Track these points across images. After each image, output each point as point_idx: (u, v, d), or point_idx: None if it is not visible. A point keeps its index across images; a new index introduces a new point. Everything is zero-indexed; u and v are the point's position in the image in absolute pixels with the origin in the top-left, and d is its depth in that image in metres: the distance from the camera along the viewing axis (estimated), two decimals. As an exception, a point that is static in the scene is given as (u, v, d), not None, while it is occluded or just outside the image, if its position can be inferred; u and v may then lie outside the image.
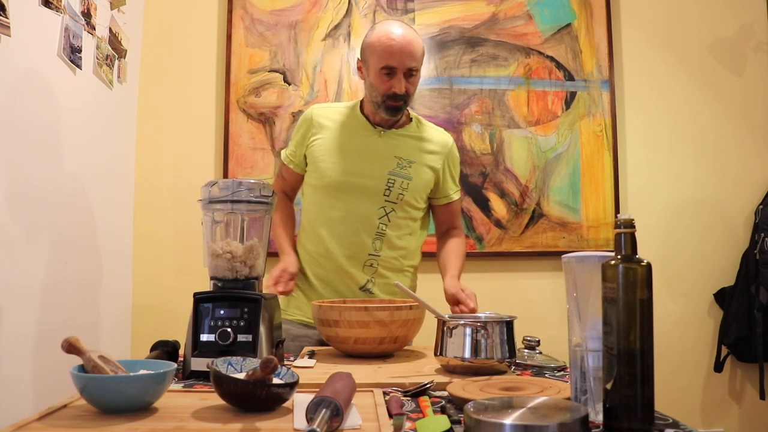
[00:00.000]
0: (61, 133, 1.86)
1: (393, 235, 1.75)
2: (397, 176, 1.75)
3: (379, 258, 1.74)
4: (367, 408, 1.01)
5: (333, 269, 1.75)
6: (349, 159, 1.75)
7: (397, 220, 1.75)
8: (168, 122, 2.51)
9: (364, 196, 1.74)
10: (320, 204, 1.78)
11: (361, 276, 1.74)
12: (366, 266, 1.74)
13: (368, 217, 1.73)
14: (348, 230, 1.73)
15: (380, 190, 1.74)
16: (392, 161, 1.76)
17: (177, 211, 2.47)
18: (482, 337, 1.29)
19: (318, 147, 1.78)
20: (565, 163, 2.55)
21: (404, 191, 1.75)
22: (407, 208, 1.77)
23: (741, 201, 2.59)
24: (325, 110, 1.84)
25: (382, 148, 1.77)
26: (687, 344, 2.55)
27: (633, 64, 2.62)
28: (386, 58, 1.67)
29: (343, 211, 1.74)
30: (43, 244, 1.75)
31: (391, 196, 1.74)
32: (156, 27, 2.53)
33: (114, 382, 0.98)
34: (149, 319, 2.42)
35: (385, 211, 1.74)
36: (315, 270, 1.78)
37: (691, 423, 2.42)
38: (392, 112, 1.73)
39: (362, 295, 1.73)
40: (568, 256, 1.00)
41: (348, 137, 1.77)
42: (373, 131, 1.78)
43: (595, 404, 0.94)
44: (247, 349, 1.28)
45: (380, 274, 1.75)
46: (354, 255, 1.73)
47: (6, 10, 1.52)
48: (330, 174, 1.74)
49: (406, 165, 1.76)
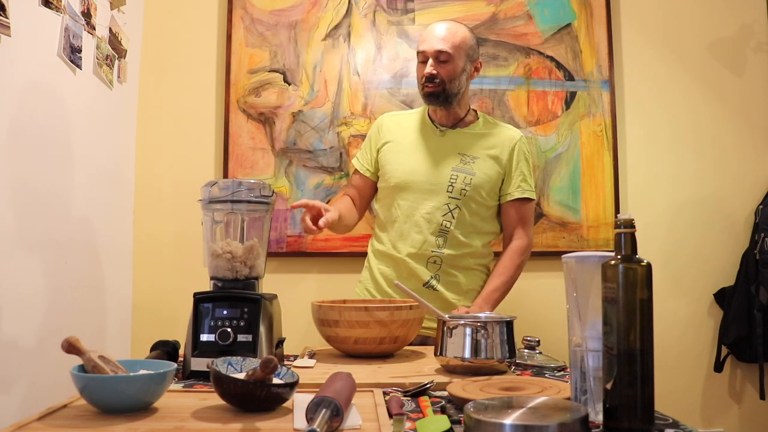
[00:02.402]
0: (61, 134, 1.86)
1: (458, 233, 1.79)
2: (459, 172, 1.81)
3: (443, 255, 1.78)
4: (367, 408, 1.01)
5: (397, 266, 1.81)
6: (413, 159, 1.83)
7: (462, 217, 1.80)
8: (168, 122, 2.51)
9: (427, 194, 1.80)
10: (387, 205, 1.86)
11: (424, 272, 1.78)
12: (430, 263, 1.78)
13: (432, 214, 1.79)
14: (412, 227, 1.80)
15: (443, 186, 1.80)
16: (455, 158, 1.83)
17: (177, 211, 2.47)
18: (482, 337, 1.29)
19: (386, 151, 1.88)
20: (565, 163, 2.55)
21: (467, 187, 1.79)
22: (473, 205, 1.81)
23: (741, 201, 2.59)
24: (394, 117, 1.97)
25: (444, 146, 1.85)
26: (687, 344, 2.54)
27: (633, 64, 2.62)
28: (419, 46, 1.82)
29: (408, 209, 1.81)
30: (43, 244, 1.75)
31: (454, 193, 1.79)
32: (156, 27, 2.53)
33: (114, 382, 0.98)
34: (149, 319, 2.42)
35: (449, 208, 1.79)
36: (380, 268, 1.85)
37: (691, 423, 2.41)
38: (430, 98, 1.82)
39: (425, 291, 1.76)
40: (567, 256, 1.00)
41: (412, 138, 1.87)
42: (435, 131, 1.87)
43: (595, 404, 0.94)
44: (247, 349, 1.28)
45: (445, 271, 1.79)
46: (417, 251, 1.78)
47: (6, 10, 1.52)
48: (395, 174, 1.82)
49: (469, 161, 1.82)
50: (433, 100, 1.81)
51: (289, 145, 2.50)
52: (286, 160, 2.49)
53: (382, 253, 1.85)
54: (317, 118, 2.50)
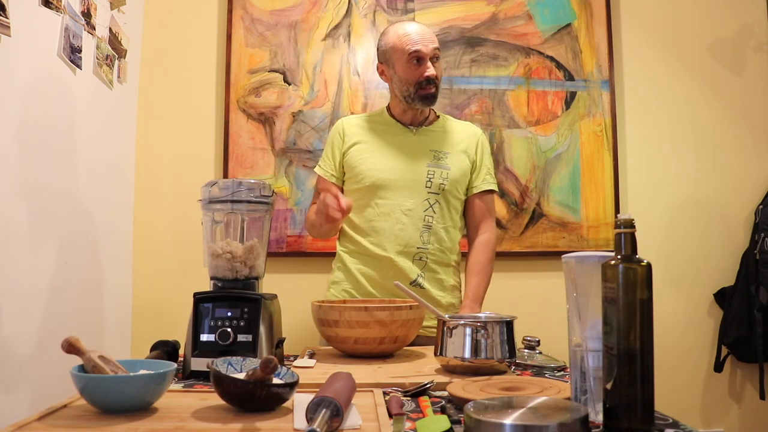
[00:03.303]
0: (61, 133, 1.86)
1: (440, 228, 1.80)
2: (435, 167, 1.81)
3: (428, 251, 1.78)
4: (367, 408, 1.01)
5: (382, 265, 1.78)
6: (387, 158, 1.81)
7: (442, 211, 1.81)
8: (168, 122, 2.51)
9: (407, 191, 1.80)
10: (362, 206, 1.82)
11: (411, 270, 1.77)
12: (416, 259, 1.78)
13: (413, 210, 1.79)
14: (395, 225, 1.78)
15: (421, 182, 1.80)
16: (428, 155, 1.83)
17: (177, 211, 2.47)
18: (482, 337, 1.29)
19: (354, 153, 1.84)
20: (565, 163, 2.55)
21: (445, 181, 1.81)
22: (451, 199, 1.83)
23: (741, 201, 2.59)
24: (353, 120, 1.94)
25: (417, 144, 1.84)
26: (687, 344, 2.54)
27: (633, 64, 2.62)
28: (411, 46, 1.75)
29: (389, 208, 1.79)
30: (43, 244, 1.75)
31: (432, 188, 1.80)
32: (156, 27, 2.53)
33: (114, 382, 0.98)
34: (149, 319, 2.42)
35: (429, 203, 1.80)
36: (360, 268, 1.81)
37: (691, 423, 2.41)
38: (427, 101, 1.81)
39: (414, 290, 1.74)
40: (567, 256, 1.00)
41: (383, 139, 1.85)
42: (406, 130, 1.86)
43: (595, 404, 0.94)
44: (247, 349, 1.28)
45: (429, 267, 1.79)
46: (403, 249, 1.77)
47: (6, 10, 1.52)
48: (371, 174, 1.80)
49: (442, 156, 1.83)
50: (430, 101, 1.80)
51: (289, 145, 2.50)
52: (286, 160, 2.49)
53: (360, 254, 1.81)
54: (317, 118, 2.51)
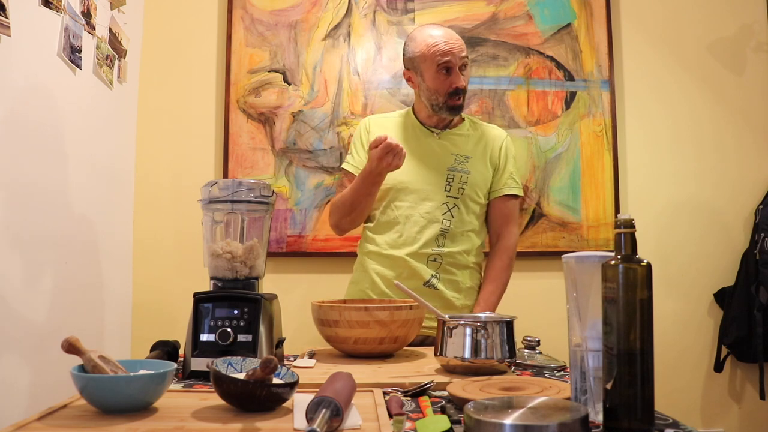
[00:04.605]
0: (61, 133, 1.86)
1: (457, 232, 1.81)
2: (455, 171, 1.82)
3: (443, 253, 1.79)
4: (367, 408, 1.01)
5: (396, 266, 1.79)
6: (408, 161, 1.80)
7: (460, 215, 1.81)
8: (168, 122, 2.51)
9: (425, 194, 1.81)
10: (383, 207, 1.84)
11: (425, 271, 1.78)
12: (430, 261, 1.78)
13: (431, 213, 1.80)
14: (412, 227, 1.79)
15: (441, 186, 1.81)
16: (449, 158, 1.84)
17: (177, 211, 2.47)
18: (482, 337, 1.29)
19: None
20: (565, 163, 2.55)
21: (464, 185, 1.81)
22: (470, 203, 1.83)
23: (741, 201, 2.59)
24: (380, 119, 1.96)
25: (439, 148, 1.86)
26: (687, 344, 2.54)
27: (633, 64, 2.62)
28: (441, 57, 1.75)
29: (406, 210, 1.80)
30: (43, 245, 1.75)
31: (452, 191, 1.81)
32: (156, 27, 2.53)
33: (114, 382, 0.98)
34: (149, 319, 2.42)
35: (448, 207, 1.81)
36: (377, 268, 1.83)
37: (691, 423, 2.41)
38: (455, 111, 1.82)
39: (426, 290, 1.75)
40: (567, 256, 1.00)
41: (406, 141, 1.84)
42: (429, 134, 1.88)
43: (595, 404, 0.94)
44: (247, 349, 1.28)
45: (445, 269, 1.80)
46: (418, 250, 1.78)
47: (6, 10, 1.52)
48: (391, 176, 1.78)
49: (463, 160, 1.84)
50: (457, 111, 1.82)
51: (289, 145, 2.50)
52: (286, 160, 2.49)
53: (377, 254, 1.83)
54: (317, 118, 2.50)
